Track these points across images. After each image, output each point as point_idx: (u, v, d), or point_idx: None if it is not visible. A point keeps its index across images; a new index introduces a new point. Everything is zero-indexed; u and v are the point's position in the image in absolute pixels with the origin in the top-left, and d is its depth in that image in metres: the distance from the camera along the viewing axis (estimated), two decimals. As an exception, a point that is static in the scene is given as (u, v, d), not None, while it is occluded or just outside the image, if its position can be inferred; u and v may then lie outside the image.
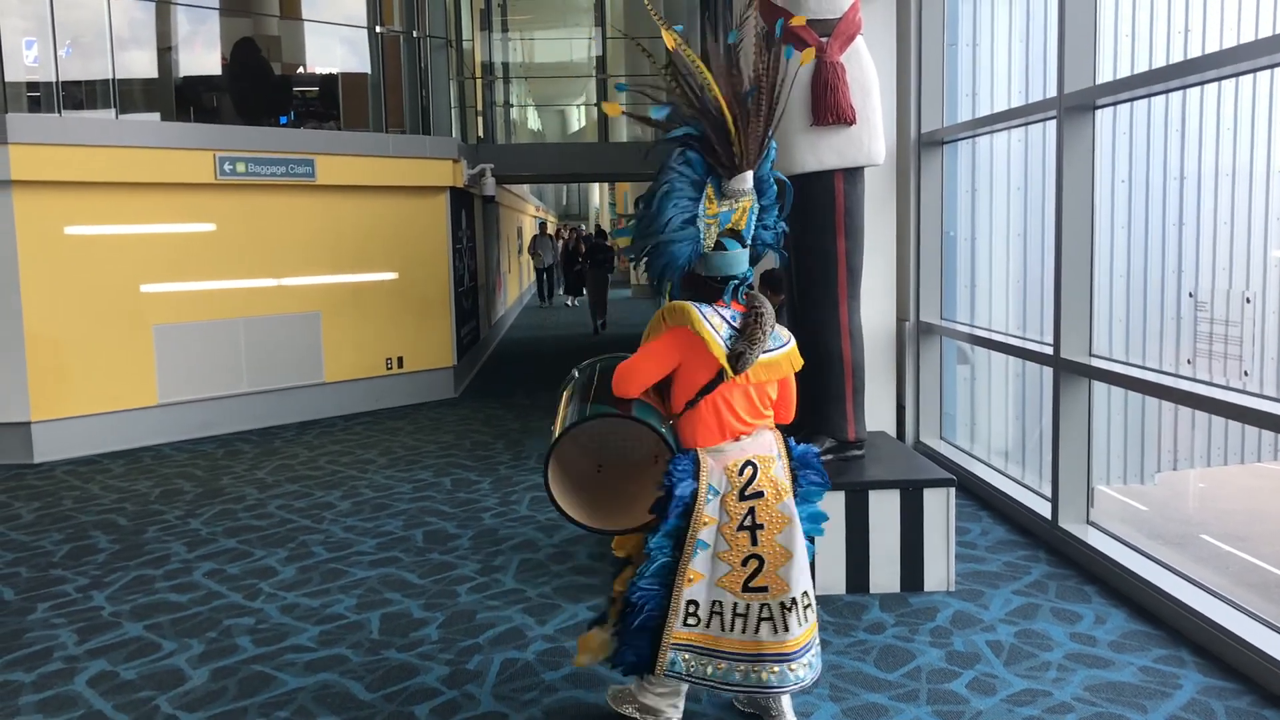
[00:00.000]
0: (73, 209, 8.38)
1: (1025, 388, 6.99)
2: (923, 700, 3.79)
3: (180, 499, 7.02)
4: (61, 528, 6.38)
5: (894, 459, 5.31)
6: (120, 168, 8.48)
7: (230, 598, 5.08)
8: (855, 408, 5.21)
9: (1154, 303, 6.61)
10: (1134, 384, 4.95)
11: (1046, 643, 4.27)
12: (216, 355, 9.25)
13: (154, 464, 8.14)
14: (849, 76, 4.96)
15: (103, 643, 4.54)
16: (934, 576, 4.89)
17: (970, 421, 7.52)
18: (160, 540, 6.06)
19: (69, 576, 5.45)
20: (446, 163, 10.80)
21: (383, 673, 4.14)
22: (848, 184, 5.05)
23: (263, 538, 6.06)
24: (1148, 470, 7.02)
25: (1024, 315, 6.90)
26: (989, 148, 7.15)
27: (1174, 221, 6.65)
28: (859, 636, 4.38)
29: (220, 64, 10.36)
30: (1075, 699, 3.76)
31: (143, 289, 8.80)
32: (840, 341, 5.13)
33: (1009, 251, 7.11)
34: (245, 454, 8.43)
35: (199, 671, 4.21)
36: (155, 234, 8.89)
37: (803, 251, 5.12)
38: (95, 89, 9.06)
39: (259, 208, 9.44)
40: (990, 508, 6.24)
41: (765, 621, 3.36)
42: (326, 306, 9.96)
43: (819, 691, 3.87)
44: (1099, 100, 5.13)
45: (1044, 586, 4.92)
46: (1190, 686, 3.85)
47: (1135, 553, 4.97)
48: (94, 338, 8.52)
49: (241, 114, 10.22)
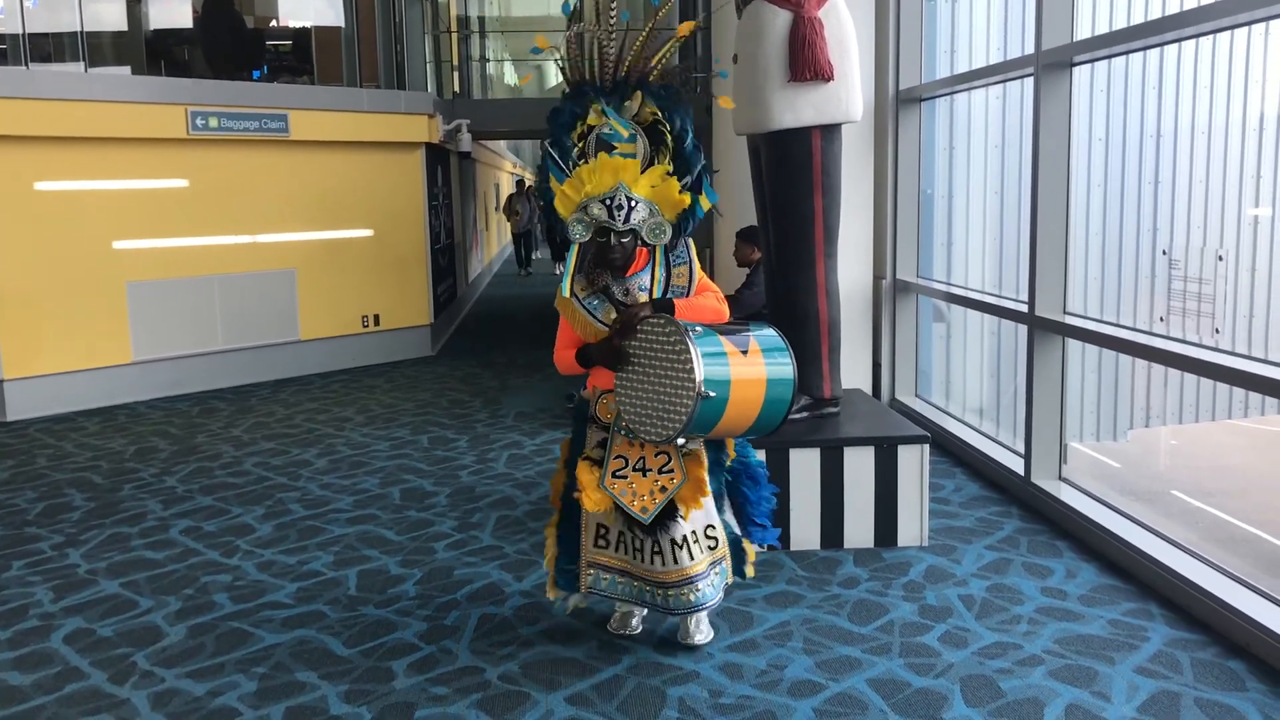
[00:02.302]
0: (43, 164, 8.26)
1: (1000, 345, 7.03)
2: (895, 653, 3.84)
3: (155, 457, 6.99)
4: (35, 486, 6.35)
5: (869, 416, 5.34)
6: (90, 122, 8.35)
7: (207, 555, 5.07)
8: (831, 366, 5.23)
9: (1129, 261, 6.64)
10: (1107, 341, 4.98)
11: (1018, 597, 4.33)
12: (191, 312, 9.18)
13: (128, 422, 8.10)
14: (827, 32, 4.92)
15: (79, 600, 4.54)
16: (908, 532, 4.94)
17: (946, 379, 7.56)
18: (135, 498, 6.05)
19: (44, 534, 5.44)
20: (422, 118, 10.69)
21: (360, 628, 4.16)
22: (825, 141, 5.04)
23: (239, 495, 6.05)
24: (1120, 427, 7.08)
25: (1000, 273, 6.93)
26: (967, 105, 7.14)
27: (1149, 179, 6.66)
28: (833, 591, 4.43)
29: (192, 16, 10.20)
30: (1045, 651, 3.82)
31: (115, 245, 8.71)
32: (817, 299, 5.14)
33: (986, 209, 7.12)
34: (221, 412, 8.40)
35: (176, 628, 4.22)
36: (127, 190, 8.79)
37: (779, 208, 5.11)
38: (64, 41, 8.91)
39: (232, 163, 9.33)
40: (964, 464, 6.30)
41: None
42: (301, 264, 9.89)
43: (792, 645, 3.91)
44: (1076, 57, 5.13)
45: (1016, 542, 4.98)
46: (1157, 639, 3.91)
47: (1106, 508, 5.03)
48: (66, 295, 8.44)
49: (214, 68, 10.08)
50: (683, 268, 3.76)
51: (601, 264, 3.71)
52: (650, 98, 3.80)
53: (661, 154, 3.78)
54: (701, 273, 3.80)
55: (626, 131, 3.77)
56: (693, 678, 3.69)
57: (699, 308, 3.70)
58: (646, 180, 3.67)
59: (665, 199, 3.66)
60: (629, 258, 3.71)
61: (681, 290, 3.75)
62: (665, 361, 3.50)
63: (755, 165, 5.33)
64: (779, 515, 4.85)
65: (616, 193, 3.62)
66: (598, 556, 3.90)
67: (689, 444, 3.68)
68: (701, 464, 3.72)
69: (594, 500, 3.70)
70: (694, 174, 3.73)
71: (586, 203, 3.65)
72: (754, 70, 4.99)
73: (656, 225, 3.67)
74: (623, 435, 3.74)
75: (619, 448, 3.75)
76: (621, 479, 3.72)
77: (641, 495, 3.69)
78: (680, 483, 3.69)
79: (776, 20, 4.91)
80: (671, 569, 3.72)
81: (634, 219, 3.63)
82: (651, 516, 3.68)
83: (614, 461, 3.74)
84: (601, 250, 3.68)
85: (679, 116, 3.78)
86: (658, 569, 3.74)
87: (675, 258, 3.78)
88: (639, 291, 3.73)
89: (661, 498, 3.68)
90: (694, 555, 3.72)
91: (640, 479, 3.71)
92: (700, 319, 3.66)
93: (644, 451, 3.73)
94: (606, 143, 3.78)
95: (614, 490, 3.71)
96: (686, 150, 3.76)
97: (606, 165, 3.65)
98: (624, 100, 3.81)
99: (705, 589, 3.78)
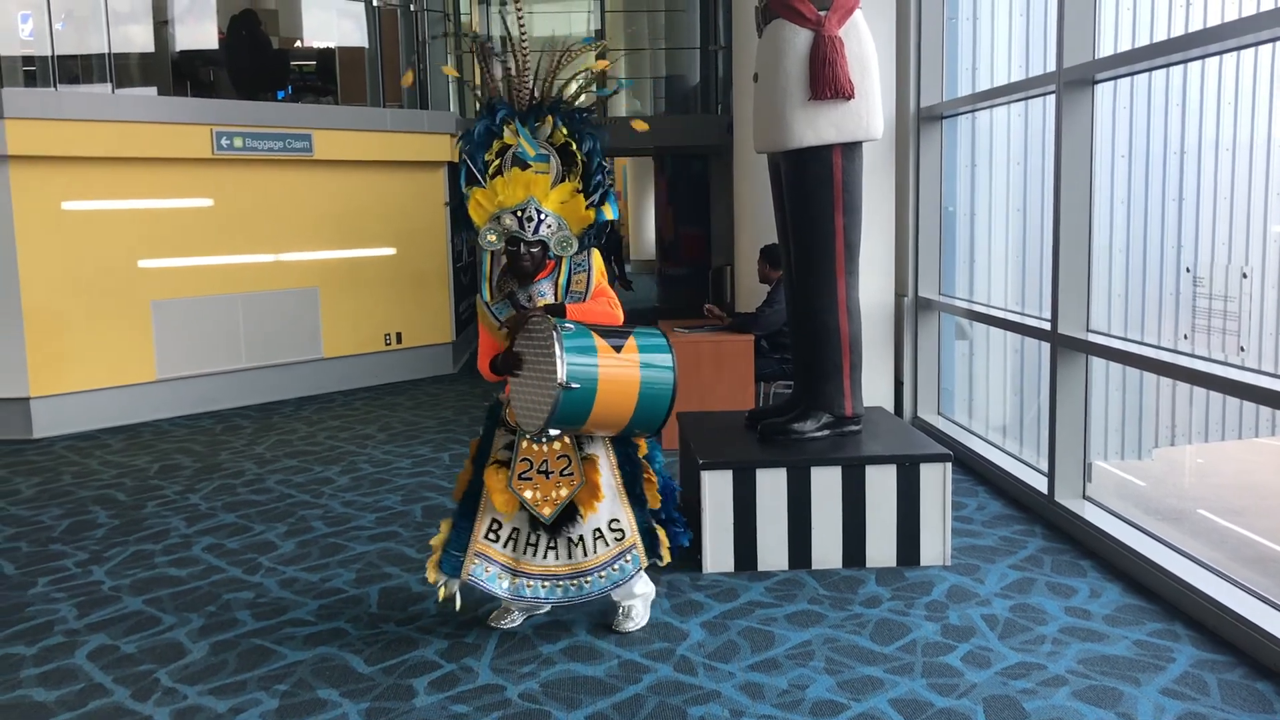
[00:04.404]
0: (70, 184, 8.35)
1: (1023, 363, 6.99)
2: (918, 673, 3.82)
3: (179, 474, 7.04)
4: (61, 503, 6.40)
5: (891, 434, 5.32)
6: (117, 142, 8.44)
7: (230, 572, 5.10)
8: (853, 383, 5.21)
9: (1152, 278, 6.60)
10: (1131, 359, 4.95)
11: (1041, 616, 4.29)
12: (215, 331, 9.25)
13: (153, 439, 8.16)
14: (847, 50, 4.93)
15: (103, 617, 4.56)
16: (930, 551, 4.91)
17: (968, 397, 7.52)
18: (159, 515, 6.08)
19: (69, 551, 5.47)
20: (444, 137, 10.75)
21: (382, 646, 4.17)
22: (846, 159, 5.03)
23: (262, 512, 6.08)
24: (1145, 446, 7.03)
25: (1023, 290, 6.90)
26: (989, 122, 7.13)
27: (1173, 196, 6.63)
28: (855, 610, 4.41)
29: (217, 38, 10.30)
30: (1069, 672, 3.79)
31: (140, 264, 8.79)
32: (838, 317, 5.13)
33: (1008, 226, 7.10)
34: (244, 429, 8.45)
35: (199, 645, 4.23)
36: (153, 209, 8.87)
37: (800, 226, 5.10)
38: (91, 63, 9.02)
39: (257, 183, 9.40)
40: (987, 483, 6.26)
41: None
42: (325, 282, 9.95)
43: (814, 664, 3.89)
44: (1098, 74, 5.11)
45: (1039, 561, 4.94)
46: (1184, 659, 3.87)
47: (1131, 528, 4.99)
48: (92, 314, 8.51)
49: (239, 88, 10.17)
50: (582, 275, 4.07)
51: (512, 272, 4.04)
52: (562, 121, 4.04)
53: (573, 173, 4.04)
54: (601, 279, 4.10)
55: (534, 151, 4.00)
56: (714, 697, 3.67)
57: (589, 311, 3.99)
58: (556, 196, 3.98)
59: (572, 214, 3.98)
60: (538, 266, 4.00)
61: (579, 296, 4.05)
62: (540, 357, 3.78)
63: (776, 183, 5.33)
64: (800, 532, 4.86)
65: (527, 205, 3.93)
66: (485, 548, 4.08)
67: (564, 434, 3.95)
68: (597, 469, 4.00)
69: (502, 501, 3.99)
70: (599, 193, 4.02)
71: (499, 213, 3.95)
72: (774, 89, 4.99)
73: (564, 238, 3.98)
74: (528, 438, 3.97)
75: (525, 450, 3.99)
76: (527, 480, 3.98)
77: (545, 497, 3.97)
78: (579, 485, 3.98)
79: (797, 39, 4.92)
80: (565, 563, 4.03)
81: (543, 231, 3.94)
82: (553, 517, 3.99)
83: (520, 464, 3.99)
84: (512, 259, 3.98)
85: (588, 139, 4.05)
86: (551, 564, 4.03)
87: (576, 266, 4.07)
88: (539, 297, 4.04)
89: (562, 499, 3.98)
90: (589, 552, 4.03)
91: (544, 481, 3.98)
92: (589, 321, 3.92)
93: (547, 454, 3.99)
94: (522, 160, 4.03)
95: (520, 491, 3.97)
96: (592, 170, 4.04)
97: (519, 179, 3.95)
98: (537, 122, 4.06)
99: (596, 580, 4.05)
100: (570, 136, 4.04)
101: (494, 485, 4.00)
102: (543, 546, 4.04)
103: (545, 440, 3.96)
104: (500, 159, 4.04)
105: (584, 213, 3.98)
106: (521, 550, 4.06)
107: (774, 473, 4.85)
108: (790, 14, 4.93)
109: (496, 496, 3.99)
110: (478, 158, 4.04)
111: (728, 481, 4.85)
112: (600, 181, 4.04)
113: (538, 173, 4.00)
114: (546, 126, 4.03)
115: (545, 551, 4.03)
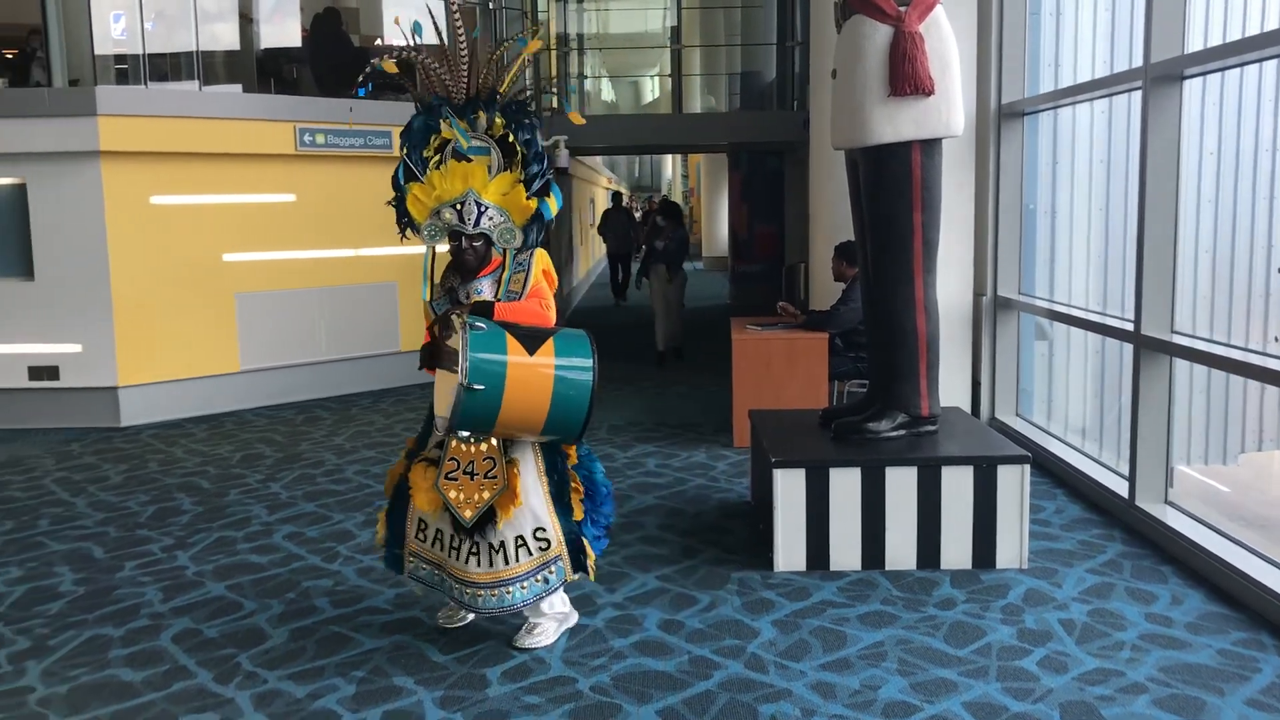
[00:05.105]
0: (158, 179, 8.58)
1: (1105, 365, 6.86)
2: (992, 677, 3.77)
3: (261, 463, 7.19)
4: (147, 489, 6.58)
5: (968, 435, 5.26)
6: (204, 138, 8.65)
7: (309, 560, 5.20)
8: (929, 383, 5.16)
9: (1241, 279, 6.44)
10: (1217, 362, 4.84)
11: (1120, 622, 4.21)
12: (296, 324, 9.43)
13: (235, 429, 8.35)
14: (927, 46, 4.87)
15: (187, 601, 4.69)
16: (1007, 553, 4.84)
17: (1048, 398, 7.40)
18: (241, 503, 6.23)
19: (154, 536, 5.63)
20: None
21: (456, 636, 4.22)
22: (925, 155, 4.98)
23: (341, 502, 6.19)
24: (1231, 450, 6.86)
25: (1105, 291, 6.76)
26: (1071, 119, 7.00)
27: (1264, 195, 6.46)
28: (929, 612, 4.36)
29: (301, 36, 10.49)
30: (1149, 679, 3.71)
31: (225, 258, 9.00)
32: (915, 316, 5.08)
33: (1090, 225, 6.96)
34: (323, 420, 8.60)
35: (279, 631, 4.33)
36: (237, 204, 9.07)
37: (878, 224, 5.06)
38: (180, 61, 9.24)
39: (337, 179, 9.57)
40: (1066, 485, 6.15)
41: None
42: (403, 277, 10.07)
43: (886, 665, 3.86)
44: (1187, 70, 5.00)
45: (1119, 566, 4.85)
46: (1270, 670, 3.77)
47: (1215, 533, 4.87)
48: (178, 305, 8.73)
49: (321, 86, 10.35)
50: (520, 274, 4.00)
51: (455, 266, 4.01)
52: (498, 112, 4.02)
53: (515, 165, 4.00)
54: (539, 280, 4.01)
55: (466, 142, 3.97)
56: (785, 695, 3.66)
57: (519, 310, 3.91)
58: (496, 187, 3.93)
59: (514, 204, 3.93)
60: (482, 261, 3.97)
61: (515, 295, 3.97)
62: (457, 357, 3.69)
63: (853, 180, 5.29)
64: (874, 532, 4.82)
65: (466, 198, 3.89)
66: (417, 546, 4.10)
67: (483, 436, 3.84)
68: (517, 473, 3.90)
69: (425, 500, 3.94)
70: (539, 181, 3.98)
71: (439, 208, 3.92)
72: (853, 85, 4.96)
73: (507, 230, 3.94)
74: (456, 438, 3.88)
75: (453, 450, 3.91)
76: (453, 481, 3.90)
77: (468, 499, 3.88)
78: (500, 489, 3.87)
79: (876, 35, 4.88)
80: (486, 571, 3.91)
81: (484, 223, 3.90)
82: (473, 520, 3.88)
83: (448, 464, 3.91)
84: (455, 254, 3.94)
85: (525, 129, 4.02)
86: (471, 569, 3.92)
87: (516, 265, 4.01)
88: (475, 295, 3.99)
89: (483, 501, 3.87)
90: (510, 560, 3.92)
91: (468, 482, 3.89)
92: (518, 320, 3.85)
93: (474, 455, 3.90)
94: (463, 154, 4.00)
95: (445, 491, 3.89)
96: (530, 161, 4.00)
97: (456, 171, 3.92)
98: (473, 114, 4.02)
99: (517, 591, 3.94)
100: (507, 127, 4.01)
101: (418, 483, 3.97)
102: (464, 551, 3.94)
103: (474, 441, 3.87)
104: (440, 154, 4.03)
105: (525, 203, 3.93)
106: (446, 552, 4.01)
107: (848, 472, 4.82)
108: (870, 9, 4.89)
109: (419, 495, 3.95)
110: (415, 153, 4.04)
111: (801, 480, 4.83)
112: (539, 171, 4.00)
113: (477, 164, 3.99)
114: (482, 119, 4.01)
115: (467, 557, 3.93)
